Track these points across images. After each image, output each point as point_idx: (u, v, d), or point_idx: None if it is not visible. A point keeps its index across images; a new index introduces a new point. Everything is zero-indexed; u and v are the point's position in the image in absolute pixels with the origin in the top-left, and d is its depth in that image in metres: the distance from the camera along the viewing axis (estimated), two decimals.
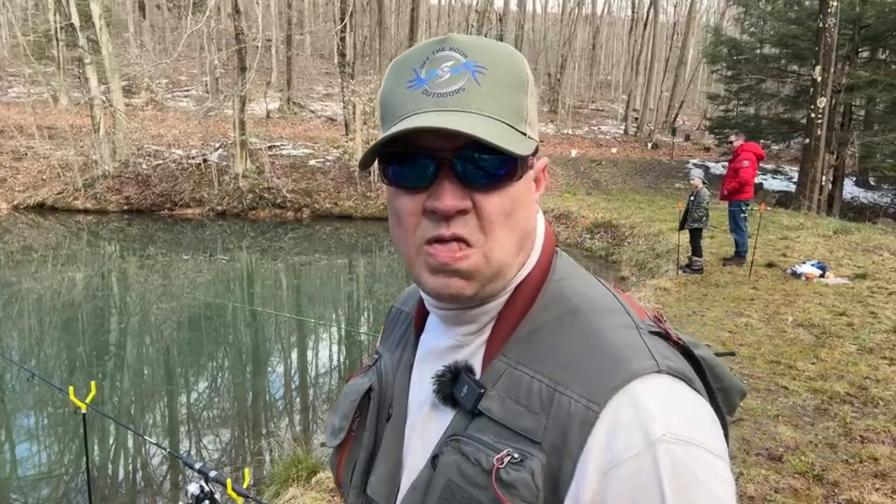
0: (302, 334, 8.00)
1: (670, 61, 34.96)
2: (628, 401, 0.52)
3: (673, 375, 0.54)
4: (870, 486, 2.96)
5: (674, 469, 0.49)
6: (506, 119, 0.57)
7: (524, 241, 0.61)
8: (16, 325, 7.80)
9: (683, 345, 0.60)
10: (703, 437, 0.51)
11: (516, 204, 0.58)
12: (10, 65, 24.98)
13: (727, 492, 0.51)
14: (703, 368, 0.60)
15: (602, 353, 0.55)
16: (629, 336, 0.56)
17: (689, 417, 0.52)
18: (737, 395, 0.66)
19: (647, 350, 0.55)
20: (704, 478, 0.50)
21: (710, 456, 0.51)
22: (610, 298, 0.62)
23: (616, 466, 0.50)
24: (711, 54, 21.63)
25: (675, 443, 0.50)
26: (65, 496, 4.29)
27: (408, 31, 23.25)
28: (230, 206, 15.57)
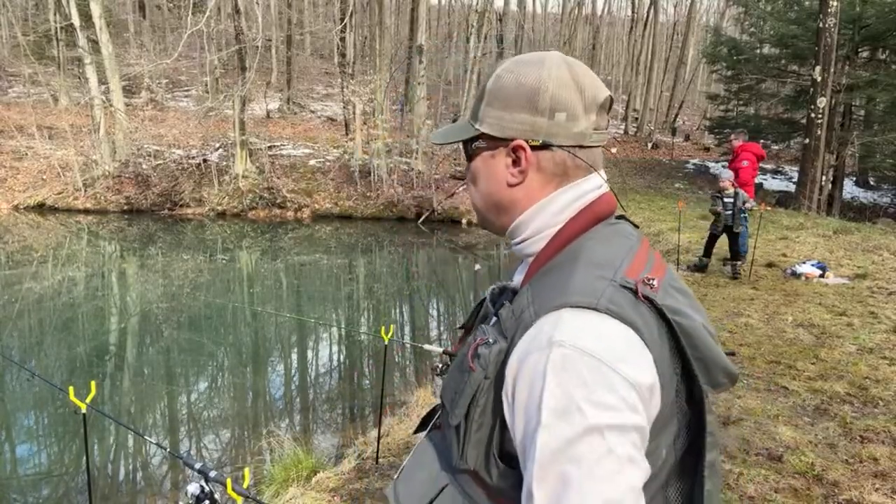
0: (302, 334, 8.00)
1: (670, 61, 34.96)
2: (555, 317, 0.70)
3: (608, 313, 0.69)
4: (870, 486, 2.96)
5: (562, 364, 0.65)
6: (470, 118, 0.89)
7: (494, 202, 0.87)
8: (16, 325, 7.80)
9: (656, 305, 0.72)
10: (606, 353, 0.66)
11: (473, 174, 0.89)
12: (10, 65, 24.97)
13: (614, 400, 0.64)
14: (676, 332, 0.72)
15: (563, 287, 0.72)
16: (593, 282, 0.72)
17: (599, 338, 0.67)
18: (719, 372, 0.77)
19: (597, 293, 0.70)
20: (590, 379, 0.65)
21: (605, 368, 0.65)
22: (611, 259, 0.77)
23: (527, 356, 0.69)
24: (711, 54, 21.63)
25: (572, 349, 0.66)
26: (65, 496, 4.29)
27: (408, 31, 23.25)
28: (230, 206, 15.56)
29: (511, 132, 0.83)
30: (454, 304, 9.89)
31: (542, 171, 0.84)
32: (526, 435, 0.67)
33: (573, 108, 0.82)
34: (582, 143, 0.84)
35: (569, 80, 0.82)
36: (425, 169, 16.31)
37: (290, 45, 25.14)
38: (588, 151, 0.85)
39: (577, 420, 0.63)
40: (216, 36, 21.29)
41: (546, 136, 0.82)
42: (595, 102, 0.84)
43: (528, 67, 0.83)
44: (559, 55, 0.86)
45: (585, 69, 0.86)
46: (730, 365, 0.77)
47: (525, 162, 0.83)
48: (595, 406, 0.64)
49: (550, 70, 0.82)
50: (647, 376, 0.67)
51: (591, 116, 0.84)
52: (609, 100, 0.86)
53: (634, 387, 0.66)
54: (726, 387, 0.78)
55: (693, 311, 0.78)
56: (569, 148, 0.83)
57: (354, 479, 3.44)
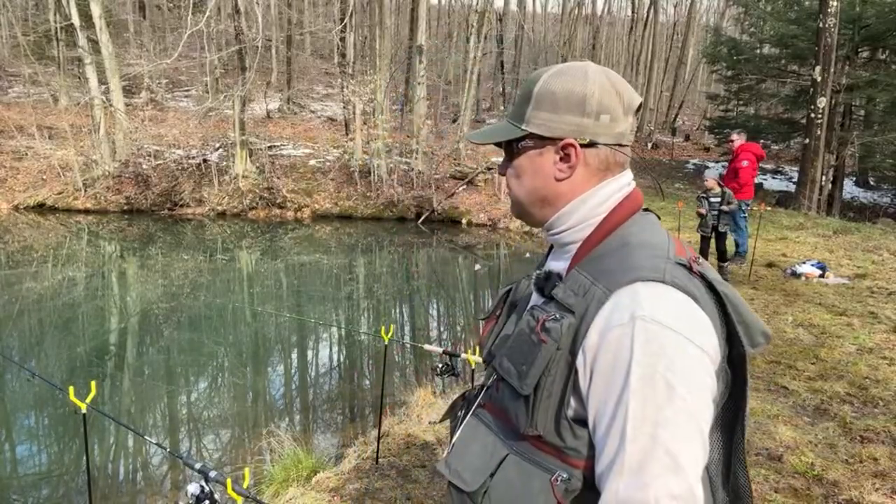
0: (302, 334, 8.00)
1: (670, 61, 34.96)
2: (630, 292, 0.79)
3: (673, 286, 0.79)
4: (870, 486, 2.96)
5: (646, 338, 0.75)
6: (512, 119, 0.98)
7: (541, 196, 0.96)
8: (16, 325, 7.80)
9: (707, 279, 0.84)
10: (681, 326, 0.76)
11: (517, 171, 0.98)
12: (10, 65, 24.97)
13: (691, 365, 0.75)
14: (724, 301, 0.83)
15: (628, 265, 0.82)
16: (653, 260, 0.83)
17: (674, 310, 0.77)
18: (758, 333, 0.87)
19: (661, 269, 0.81)
20: (671, 350, 0.75)
21: (683, 339, 0.75)
22: (660, 242, 0.88)
23: (609, 330, 0.78)
24: (711, 54, 21.63)
25: (652, 322, 0.76)
26: (65, 496, 4.29)
27: (408, 31, 23.25)
28: (230, 206, 15.56)
29: (560, 132, 0.93)
30: (454, 304, 9.89)
31: (588, 167, 0.94)
32: (608, 401, 0.77)
33: (615, 111, 0.93)
34: (621, 142, 0.95)
35: (610, 87, 0.93)
36: (425, 169, 16.31)
37: (290, 45, 25.13)
38: (625, 149, 0.96)
39: (663, 387, 0.74)
40: (216, 36, 21.28)
41: (592, 135, 0.92)
42: (631, 107, 0.95)
43: (575, 77, 0.93)
44: (598, 66, 0.96)
45: (620, 77, 0.96)
46: (766, 327, 0.89)
47: (575, 158, 0.93)
48: (678, 374, 0.74)
49: (595, 79, 0.92)
50: (713, 340, 0.79)
51: (629, 118, 0.95)
52: (640, 105, 0.97)
53: (707, 353, 0.77)
54: (763, 346, 0.88)
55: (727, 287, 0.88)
56: (612, 146, 0.94)
57: (354, 479, 3.44)
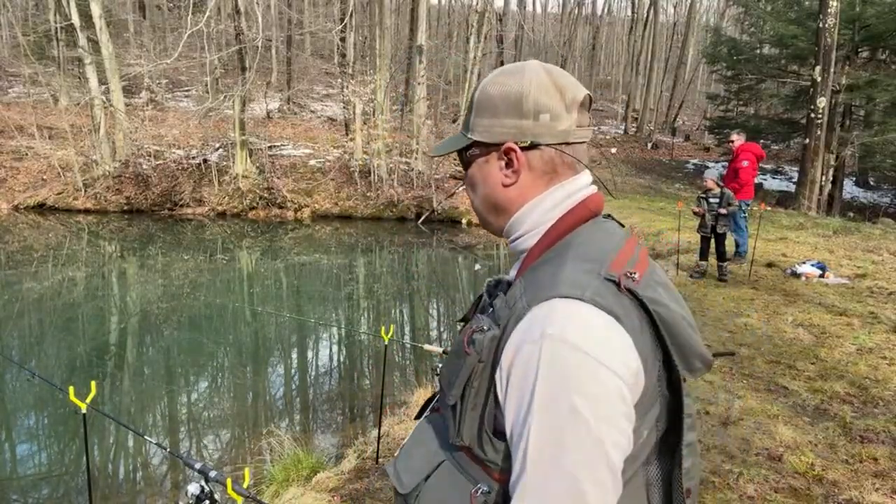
0: (302, 334, 8.00)
1: (670, 61, 34.97)
2: (546, 308, 0.75)
3: (593, 304, 0.74)
4: (870, 486, 2.96)
5: (552, 358, 0.71)
6: (462, 129, 0.96)
7: (493, 204, 0.94)
8: (16, 325, 7.80)
9: (638, 297, 0.77)
10: (592, 347, 0.71)
11: (471, 180, 0.97)
12: (10, 65, 24.97)
13: (600, 390, 0.70)
14: (656, 321, 0.77)
15: (554, 279, 0.78)
16: (581, 276, 0.77)
17: (587, 330, 0.72)
18: (696, 359, 0.81)
19: (585, 285, 0.75)
20: (577, 373, 0.70)
21: (592, 362, 0.71)
22: (600, 255, 0.82)
23: (522, 346, 0.74)
24: (711, 54, 21.64)
25: (561, 342, 0.71)
26: (65, 496, 4.29)
27: (408, 31, 23.25)
28: (230, 206, 15.57)
29: (501, 137, 0.90)
30: (454, 304, 9.89)
31: (533, 170, 0.90)
32: (518, 419, 0.74)
33: (555, 109, 0.89)
34: (567, 141, 0.90)
35: (548, 83, 0.89)
36: (425, 169, 16.31)
37: (290, 45, 25.14)
38: (573, 148, 0.91)
39: (567, 411, 0.70)
40: (216, 36, 21.27)
41: (533, 136, 0.88)
42: (575, 102, 0.90)
43: (511, 77, 0.91)
44: (538, 63, 0.93)
45: (563, 73, 0.92)
46: (705, 352, 0.82)
47: (517, 163, 0.90)
48: (584, 397, 0.70)
49: (531, 77, 0.89)
50: (630, 363, 0.73)
51: (573, 115, 0.90)
52: (588, 98, 0.92)
53: (621, 377, 0.72)
54: (702, 372, 0.83)
55: (674, 303, 0.83)
56: (555, 146, 0.89)
57: (354, 479, 3.44)
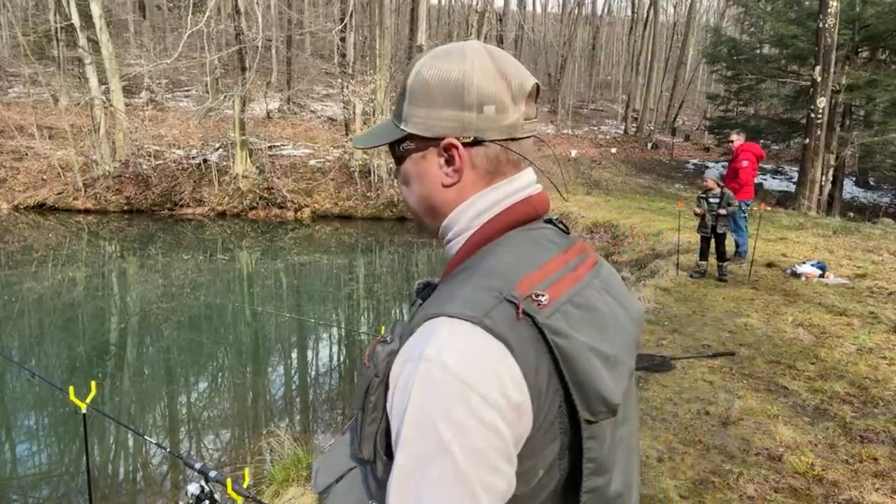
0: (302, 334, 8.00)
1: (670, 61, 34.98)
2: (432, 326, 0.68)
3: (484, 328, 0.66)
4: (870, 486, 2.96)
5: (425, 382, 0.64)
6: (393, 118, 0.85)
7: (429, 206, 0.84)
8: (16, 325, 7.80)
9: (536, 323, 0.68)
10: (472, 375, 0.64)
11: (404, 177, 0.85)
12: (10, 65, 24.97)
13: (473, 424, 0.63)
14: (554, 353, 0.68)
15: (452, 295, 0.71)
16: (481, 294, 0.70)
17: (469, 356, 0.65)
18: (596, 401, 0.69)
19: (479, 306, 0.68)
20: (451, 402, 0.63)
21: (469, 391, 0.63)
22: (510, 268, 0.74)
23: (404, 364, 0.68)
24: (711, 54, 21.65)
25: (437, 366, 0.64)
26: (65, 496, 4.29)
27: (408, 31, 23.25)
28: (230, 206, 15.57)
29: (440, 131, 0.79)
30: None
31: (476, 169, 0.81)
32: (394, 441, 0.68)
33: (502, 100, 0.79)
34: (514, 136, 0.81)
35: (493, 70, 0.79)
36: None
37: (290, 45, 25.15)
38: (520, 143, 0.82)
39: (433, 441, 0.63)
40: (216, 36, 21.26)
41: (477, 131, 0.79)
42: (522, 92, 0.80)
43: (450, 61, 0.79)
44: (479, 44, 0.82)
45: (508, 57, 0.82)
46: (610, 396, 0.70)
47: (459, 160, 0.80)
48: (452, 426, 0.62)
49: (473, 61, 0.79)
50: (512, 395, 0.65)
51: (521, 106, 0.80)
52: (536, 87, 0.83)
53: (496, 407, 0.64)
54: (606, 416, 0.71)
55: (592, 331, 0.73)
56: (501, 142, 0.80)
57: None
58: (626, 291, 0.89)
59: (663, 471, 3.11)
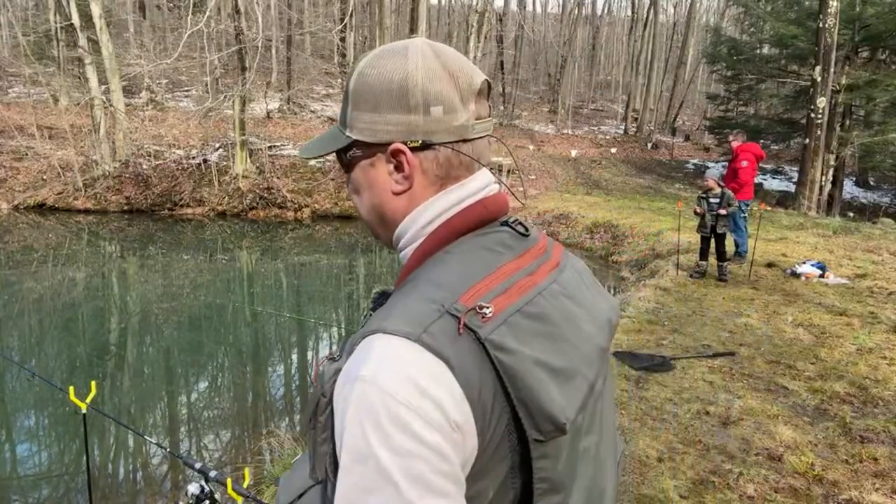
0: (302, 334, 8.00)
1: (670, 61, 34.97)
2: (368, 344, 0.64)
3: (421, 346, 0.62)
4: (869, 486, 2.96)
5: (360, 404, 0.61)
6: (339, 124, 0.82)
7: (379, 215, 0.81)
8: (16, 325, 7.81)
9: (480, 338, 0.64)
10: (407, 396, 0.60)
11: (354, 185, 0.82)
12: (11, 65, 24.98)
13: (413, 447, 0.59)
14: (497, 369, 0.64)
15: (390, 310, 0.68)
16: (423, 307, 0.66)
17: (405, 375, 0.61)
18: (543, 420, 0.65)
19: (418, 321, 0.64)
20: (387, 425, 0.60)
21: (404, 411, 0.60)
22: (457, 278, 0.70)
23: (343, 385, 0.64)
24: (711, 54, 21.66)
25: (373, 386, 0.61)
26: (65, 496, 4.29)
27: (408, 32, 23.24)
28: (230, 206, 15.57)
29: (386, 136, 0.76)
30: None
31: (426, 174, 0.77)
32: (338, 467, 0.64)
33: (450, 100, 0.75)
34: (465, 137, 0.77)
35: (439, 68, 0.75)
36: None
37: (290, 45, 25.15)
38: (472, 144, 0.78)
39: (373, 469, 0.59)
40: (216, 36, 21.27)
41: (425, 134, 0.75)
42: (472, 90, 0.76)
43: (392, 60, 0.76)
44: (423, 41, 0.78)
45: (455, 54, 0.78)
46: (557, 414, 0.65)
47: (408, 166, 0.76)
48: (391, 452, 0.59)
49: (416, 60, 0.75)
50: (453, 416, 0.61)
51: (470, 106, 0.77)
52: (486, 84, 0.79)
53: (437, 429, 0.60)
54: (554, 435, 0.66)
55: (545, 341, 0.69)
56: (451, 144, 0.76)
57: None
58: (594, 293, 0.84)
59: (663, 471, 3.11)
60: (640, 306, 6.25)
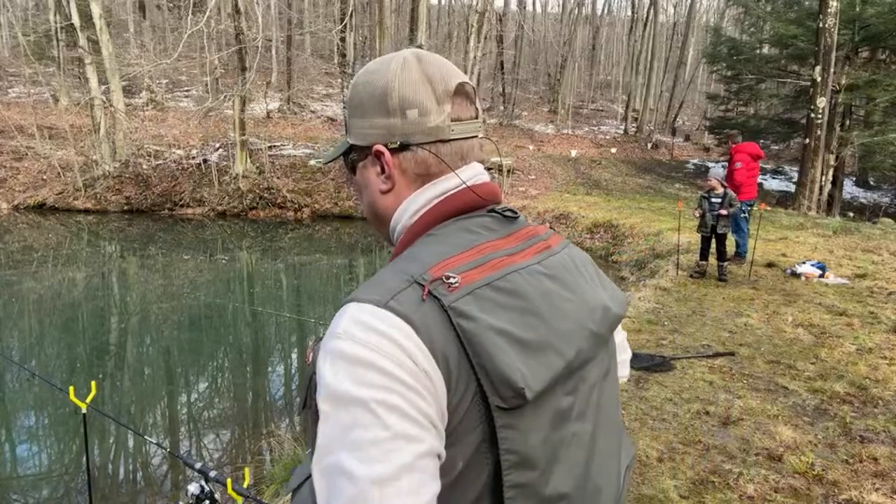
0: (302, 334, 8.00)
1: (670, 61, 34.96)
2: (341, 312, 0.69)
3: (388, 309, 0.67)
4: (869, 486, 2.96)
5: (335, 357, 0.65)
6: (345, 133, 0.89)
7: (374, 212, 0.88)
8: (16, 325, 7.80)
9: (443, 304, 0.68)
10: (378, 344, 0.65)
11: (356, 186, 0.91)
12: (11, 65, 24.98)
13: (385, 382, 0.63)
14: (459, 335, 0.67)
15: (368, 283, 0.73)
16: (392, 279, 0.71)
17: (372, 332, 0.66)
18: (501, 384, 0.67)
19: (388, 289, 0.69)
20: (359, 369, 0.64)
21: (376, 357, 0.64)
22: (430, 254, 0.75)
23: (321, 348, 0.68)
24: (711, 54, 21.66)
25: (343, 338, 0.66)
26: (65, 496, 4.29)
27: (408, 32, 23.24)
28: (230, 206, 15.57)
29: (371, 138, 0.83)
30: None
31: (406, 173, 0.83)
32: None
33: (424, 103, 0.80)
34: (441, 138, 0.81)
35: (416, 75, 0.80)
36: None
37: (290, 45, 25.14)
38: (452, 145, 0.82)
39: (349, 405, 0.63)
40: (216, 36, 21.28)
41: (402, 135, 0.81)
42: (448, 92, 0.81)
43: (376, 71, 0.83)
44: (409, 52, 0.84)
45: (438, 60, 0.83)
46: (515, 380, 0.67)
47: (388, 166, 0.82)
48: (367, 387, 0.63)
49: (395, 69, 0.81)
50: (423, 364, 0.65)
51: (446, 107, 0.81)
52: (465, 86, 0.83)
53: (408, 371, 0.64)
54: (515, 402, 0.67)
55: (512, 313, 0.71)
56: (428, 145, 0.81)
57: None
58: (591, 282, 0.86)
59: (663, 471, 3.11)
60: (640, 306, 6.25)
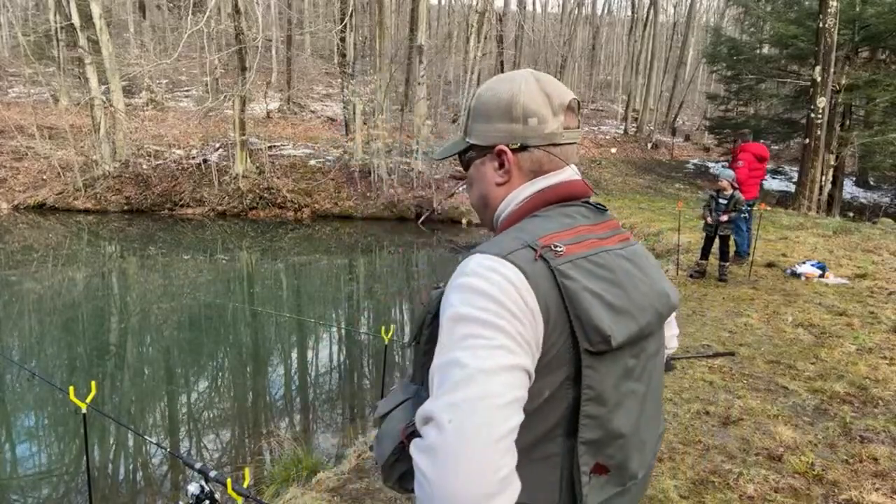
0: (302, 334, 8.00)
1: (670, 61, 34.94)
2: (466, 260, 0.87)
3: (507, 260, 0.85)
4: (869, 486, 2.96)
5: (460, 286, 0.84)
6: (461, 134, 1.07)
7: (485, 201, 1.05)
8: (16, 325, 7.80)
9: (550, 264, 0.86)
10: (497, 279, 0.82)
11: (470, 180, 1.08)
12: (11, 65, 24.98)
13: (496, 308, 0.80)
14: (561, 290, 0.85)
15: (487, 244, 0.90)
16: (509, 241, 0.89)
17: (493, 271, 0.83)
18: (593, 332, 0.84)
19: (507, 247, 0.87)
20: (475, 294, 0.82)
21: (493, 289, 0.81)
22: (539, 228, 0.92)
23: (448, 287, 0.86)
24: (711, 54, 21.66)
25: (471, 275, 0.84)
26: (65, 496, 4.29)
27: (408, 32, 23.23)
28: (230, 206, 15.56)
29: (494, 140, 1.00)
30: None
31: (522, 170, 1.00)
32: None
33: (543, 113, 0.98)
34: (554, 142, 0.99)
35: (536, 90, 0.98)
36: (425, 169, 16.31)
37: (290, 45, 25.14)
38: (561, 148, 1.00)
39: (464, 320, 0.80)
40: (216, 36, 21.28)
41: (522, 139, 0.98)
42: (562, 106, 0.99)
43: (502, 85, 1.01)
44: (529, 71, 1.02)
45: (551, 79, 1.02)
46: (604, 327, 0.85)
47: (508, 163, 1.00)
48: (479, 309, 0.80)
49: (521, 84, 0.99)
50: (530, 302, 0.82)
51: (560, 118, 0.99)
52: (574, 102, 1.02)
53: (515, 304, 0.80)
54: (601, 346, 0.85)
55: (603, 282, 0.89)
56: (543, 147, 0.99)
57: (354, 479, 3.44)
58: (655, 270, 1.04)
59: (663, 471, 3.11)
60: None
